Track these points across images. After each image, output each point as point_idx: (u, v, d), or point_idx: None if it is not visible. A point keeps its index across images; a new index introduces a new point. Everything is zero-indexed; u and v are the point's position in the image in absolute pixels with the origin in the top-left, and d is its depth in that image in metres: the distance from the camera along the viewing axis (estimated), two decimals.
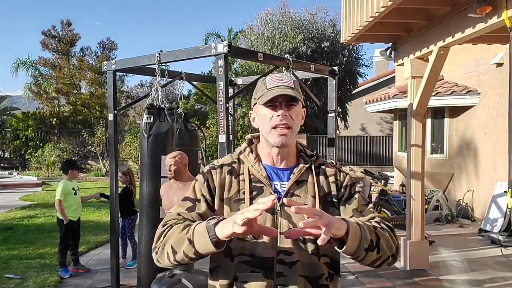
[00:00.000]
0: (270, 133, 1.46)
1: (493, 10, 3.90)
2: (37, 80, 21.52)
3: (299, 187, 1.49)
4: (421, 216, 5.68)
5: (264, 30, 16.13)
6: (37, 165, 17.83)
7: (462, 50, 8.37)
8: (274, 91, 1.44)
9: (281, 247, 1.42)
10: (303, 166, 1.52)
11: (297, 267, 1.41)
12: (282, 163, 1.52)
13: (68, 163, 6.11)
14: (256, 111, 1.53)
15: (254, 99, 1.54)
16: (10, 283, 5.06)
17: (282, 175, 1.51)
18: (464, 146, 9.18)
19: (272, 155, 1.51)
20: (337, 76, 5.35)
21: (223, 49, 3.63)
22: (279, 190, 1.48)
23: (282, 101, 1.45)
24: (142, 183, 4.13)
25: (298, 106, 1.50)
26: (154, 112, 4.05)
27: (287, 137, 1.45)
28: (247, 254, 1.42)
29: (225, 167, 1.53)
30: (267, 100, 1.44)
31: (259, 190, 1.46)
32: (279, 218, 1.44)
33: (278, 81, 1.47)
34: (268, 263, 1.41)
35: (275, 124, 1.44)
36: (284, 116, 1.44)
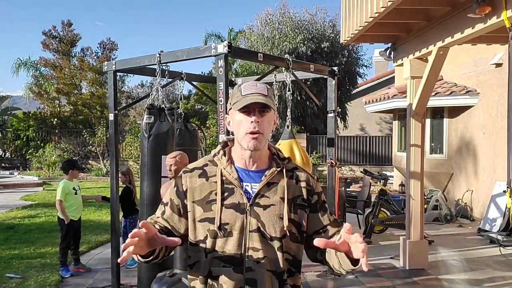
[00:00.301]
0: (243, 137, 1.54)
1: (493, 11, 3.91)
2: (37, 80, 21.54)
3: (269, 189, 1.57)
4: (420, 215, 5.69)
5: (264, 30, 16.14)
6: (38, 165, 17.86)
7: (462, 51, 8.39)
8: (248, 98, 1.52)
9: (249, 244, 1.53)
10: (275, 169, 1.60)
11: (264, 262, 1.53)
12: (254, 166, 1.60)
13: (68, 163, 6.10)
14: (231, 115, 1.61)
15: (229, 104, 1.62)
16: (11, 282, 5.08)
17: (254, 177, 1.59)
18: (463, 146, 9.20)
19: (244, 157, 1.59)
20: (336, 76, 5.37)
21: (223, 50, 3.66)
22: (250, 191, 1.57)
23: (256, 107, 1.53)
24: (142, 183, 4.15)
25: (271, 112, 1.57)
26: (154, 112, 4.07)
27: (259, 141, 1.54)
28: (219, 251, 1.54)
29: (197, 171, 1.63)
30: (241, 106, 1.52)
31: (230, 191, 1.56)
32: (249, 217, 1.54)
33: (252, 89, 1.55)
34: (237, 259, 1.53)
35: (248, 129, 1.53)
36: (257, 123, 1.52)
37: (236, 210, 1.53)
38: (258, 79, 5.45)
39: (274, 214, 1.55)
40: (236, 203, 1.55)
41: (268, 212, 1.55)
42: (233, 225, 1.53)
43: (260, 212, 1.54)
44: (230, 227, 1.53)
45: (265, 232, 1.54)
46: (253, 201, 1.55)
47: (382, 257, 6.12)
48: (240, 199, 1.55)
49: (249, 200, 1.55)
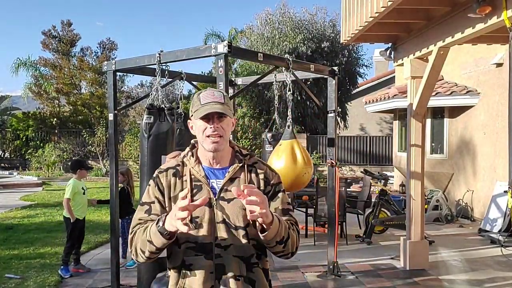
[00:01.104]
0: (204, 141, 1.73)
1: (493, 10, 3.90)
2: (37, 80, 21.52)
3: (232, 183, 1.75)
4: (420, 216, 5.68)
5: (264, 30, 16.14)
6: (37, 165, 17.85)
7: (462, 50, 8.39)
8: (207, 107, 1.70)
9: (218, 234, 1.72)
10: (236, 165, 1.79)
11: (231, 249, 1.72)
12: (217, 164, 1.79)
13: (77, 163, 6.16)
14: (193, 121, 1.78)
15: (190, 111, 1.79)
16: (11, 282, 5.07)
17: (218, 174, 1.78)
18: (463, 146, 9.19)
19: (208, 158, 1.78)
20: (337, 76, 5.36)
21: (223, 49, 3.64)
22: (215, 187, 1.76)
23: (214, 114, 1.71)
24: (142, 183, 4.13)
25: (227, 117, 1.74)
26: (154, 112, 4.05)
27: (219, 144, 1.72)
28: (192, 241, 1.71)
29: (170, 170, 1.81)
30: (201, 116, 1.70)
31: (199, 188, 1.74)
32: (215, 210, 1.73)
33: (210, 98, 1.73)
34: (207, 247, 1.71)
35: (208, 134, 1.71)
36: (216, 128, 1.71)
37: (205, 205, 1.67)
38: (258, 79, 5.44)
39: (237, 206, 1.71)
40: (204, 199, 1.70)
41: (232, 205, 1.72)
42: (202, 218, 1.70)
43: (224, 205, 1.72)
44: (200, 219, 1.70)
45: (230, 222, 1.72)
46: (219, 196, 1.73)
47: (382, 258, 6.11)
48: (208, 194, 1.72)
49: (215, 195, 1.73)
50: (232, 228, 1.72)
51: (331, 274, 5.25)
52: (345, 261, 5.81)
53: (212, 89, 1.85)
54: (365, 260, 6.00)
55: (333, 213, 5.32)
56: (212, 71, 21.85)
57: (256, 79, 5.65)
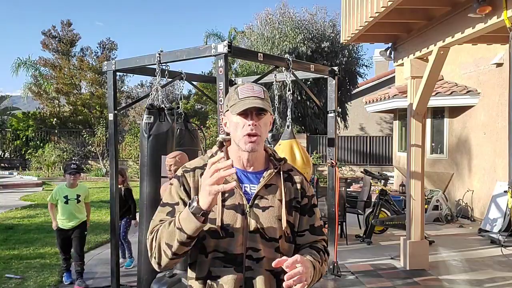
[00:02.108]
0: (241, 139, 1.57)
1: (493, 10, 3.90)
2: (37, 80, 21.53)
3: (267, 191, 1.61)
4: (421, 216, 5.68)
5: (264, 30, 16.14)
6: (37, 165, 17.84)
7: (462, 50, 8.39)
8: (246, 102, 1.55)
9: (250, 244, 1.56)
10: (272, 171, 1.63)
11: (264, 262, 1.57)
12: (251, 167, 1.63)
13: (65, 166, 5.85)
14: (228, 117, 1.62)
15: (226, 106, 1.63)
16: (11, 283, 5.07)
17: (252, 178, 1.62)
18: (463, 146, 9.19)
19: (242, 159, 1.62)
20: (337, 76, 5.36)
21: (223, 49, 3.64)
22: (249, 192, 1.60)
23: (253, 110, 1.55)
24: (142, 183, 4.13)
25: (267, 115, 1.60)
26: (154, 112, 4.05)
27: (257, 143, 1.56)
28: (220, 251, 1.56)
29: (198, 170, 1.62)
30: (240, 111, 1.54)
31: (230, 192, 1.57)
32: (248, 218, 1.57)
33: (249, 92, 1.57)
34: (238, 259, 1.56)
35: (246, 132, 1.55)
36: (254, 126, 1.55)
37: (236, 211, 1.56)
38: (258, 79, 5.44)
39: (272, 215, 1.58)
40: (236, 204, 1.57)
41: (267, 214, 1.58)
42: (233, 226, 1.55)
43: (259, 214, 1.57)
44: (231, 227, 1.55)
45: (264, 233, 1.57)
46: (252, 203, 1.58)
47: (382, 258, 6.10)
48: (240, 200, 1.57)
49: (248, 201, 1.58)
50: (266, 239, 1.58)
51: (331, 274, 5.24)
52: (345, 261, 5.81)
53: (251, 83, 1.70)
54: (365, 260, 6.00)
55: (333, 213, 5.32)
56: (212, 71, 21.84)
57: (256, 79, 5.64)
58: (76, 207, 5.13)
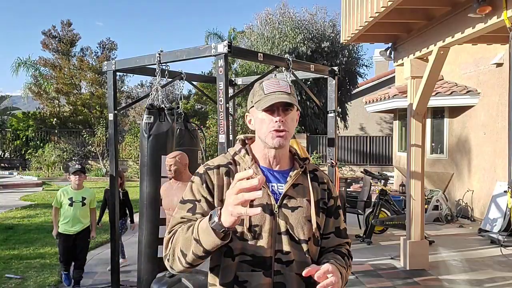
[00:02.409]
0: (268, 135, 1.50)
1: (493, 10, 3.90)
2: (37, 80, 21.53)
3: (295, 191, 1.55)
4: (421, 216, 5.68)
5: (264, 30, 16.15)
6: (37, 165, 17.83)
7: (462, 50, 8.38)
8: (272, 97, 1.48)
9: (279, 247, 1.49)
10: (298, 170, 1.58)
11: (293, 266, 1.49)
12: (277, 165, 1.57)
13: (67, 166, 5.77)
14: (253, 113, 1.56)
15: (251, 102, 1.56)
16: (11, 283, 5.07)
17: (279, 177, 1.56)
18: (463, 146, 9.19)
19: (268, 157, 1.56)
20: (337, 76, 5.36)
21: (223, 49, 3.64)
22: (276, 192, 1.53)
23: (279, 106, 1.49)
24: (142, 183, 4.13)
25: (294, 110, 1.54)
26: (154, 112, 4.06)
27: (285, 138, 1.50)
28: (248, 254, 1.47)
29: (222, 168, 1.55)
30: (266, 106, 1.47)
31: None
32: (277, 219, 1.50)
33: (275, 87, 1.51)
34: (267, 262, 1.47)
35: (273, 128, 1.49)
36: (281, 122, 1.49)
37: (265, 211, 1.48)
38: (258, 79, 5.43)
39: (302, 216, 1.52)
40: (264, 204, 1.49)
41: (296, 214, 1.52)
42: (262, 227, 1.48)
43: (288, 214, 1.51)
44: (260, 229, 1.48)
45: (294, 234, 1.50)
46: (281, 202, 1.51)
47: (382, 258, 6.10)
48: (268, 200, 1.50)
49: (276, 201, 1.51)
50: (295, 241, 1.51)
51: None
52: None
53: (277, 78, 1.64)
54: (365, 260, 6.00)
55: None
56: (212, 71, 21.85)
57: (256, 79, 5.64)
58: (81, 211, 4.84)
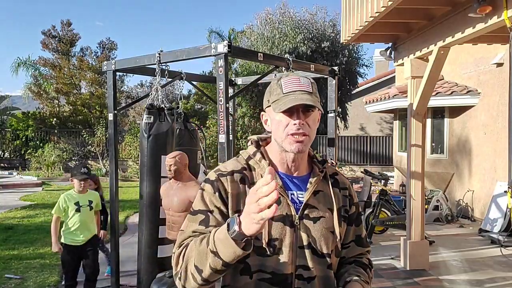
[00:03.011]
0: (285, 139, 1.35)
1: (493, 10, 3.90)
2: (37, 80, 21.52)
3: (316, 199, 1.41)
4: (421, 216, 5.68)
5: (264, 30, 16.13)
6: (37, 165, 17.83)
7: (462, 50, 8.38)
8: (291, 97, 1.32)
9: (299, 262, 1.36)
10: (320, 176, 1.44)
11: (316, 282, 1.37)
12: (296, 171, 1.43)
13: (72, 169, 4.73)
14: (269, 114, 1.41)
15: (267, 101, 1.41)
16: (10, 283, 5.06)
17: (299, 184, 1.42)
18: (464, 146, 9.18)
19: (287, 162, 1.41)
20: (337, 76, 5.35)
21: (223, 49, 3.63)
22: (296, 200, 1.39)
23: (299, 107, 1.34)
24: (142, 183, 4.13)
25: (315, 111, 1.38)
26: (154, 112, 4.05)
27: (304, 144, 1.35)
28: (267, 272, 1.34)
29: (237, 174, 1.39)
30: (285, 108, 1.32)
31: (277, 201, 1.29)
32: (298, 231, 1.36)
33: (295, 85, 1.35)
34: (288, 279, 1.35)
35: (291, 132, 1.34)
36: (302, 125, 1.33)
37: (285, 224, 1.34)
38: (258, 79, 5.43)
39: (324, 227, 1.39)
40: (283, 215, 1.35)
41: (319, 226, 1.38)
42: (282, 241, 1.34)
43: (310, 226, 1.37)
44: (280, 243, 1.34)
45: (316, 248, 1.37)
46: (302, 213, 1.37)
47: (382, 258, 6.10)
48: (288, 210, 1.36)
49: (297, 212, 1.37)
50: (318, 255, 1.38)
51: None
52: None
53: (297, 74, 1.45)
54: None
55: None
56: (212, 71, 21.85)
57: (256, 79, 5.64)
58: (89, 216, 4.34)
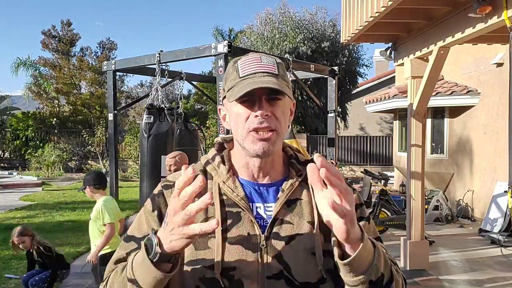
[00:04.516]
0: (246, 138, 1.04)
1: (493, 10, 3.89)
2: (37, 80, 21.54)
3: (290, 210, 1.06)
4: (421, 216, 5.67)
5: (264, 30, 16.14)
6: (37, 165, 17.84)
7: (462, 50, 8.38)
8: (250, 81, 1.01)
9: None
10: (295, 180, 1.10)
11: None
12: (265, 178, 1.10)
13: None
14: (227, 106, 1.09)
15: (223, 90, 1.10)
16: (10, 283, 5.07)
17: (266, 194, 1.09)
18: (464, 146, 9.18)
19: (251, 166, 1.09)
20: (337, 76, 5.36)
21: (223, 49, 3.64)
22: (263, 216, 1.06)
23: (262, 95, 1.02)
24: (142, 183, 4.13)
25: (285, 99, 1.06)
26: (154, 112, 4.06)
27: (271, 143, 1.03)
28: None
29: None
30: (240, 95, 1.00)
31: (235, 218, 1.04)
32: (265, 256, 1.02)
33: (255, 66, 1.04)
34: None
35: (253, 127, 1.02)
36: (266, 117, 1.02)
37: (246, 247, 1.02)
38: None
39: (302, 248, 1.03)
40: (244, 236, 1.03)
41: (293, 246, 1.03)
42: (242, 270, 1.01)
43: (281, 247, 1.03)
44: (239, 273, 1.01)
45: (292, 278, 1.01)
46: (270, 231, 1.04)
47: None
48: (251, 229, 1.04)
49: (263, 230, 1.04)
50: (295, 286, 1.01)
51: None
52: None
53: (259, 53, 1.15)
54: None
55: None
56: (212, 71, 21.86)
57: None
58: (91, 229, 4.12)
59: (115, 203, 4.13)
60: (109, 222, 3.84)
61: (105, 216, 3.85)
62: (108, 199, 4.00)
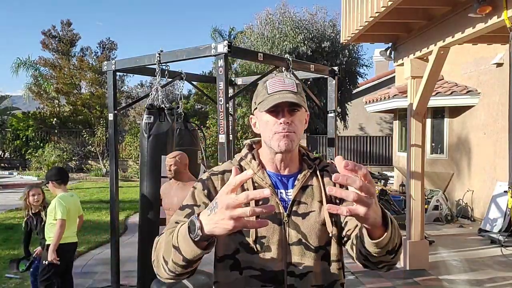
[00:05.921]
0: (272, 138, 1.40)
1: (493, 10, 3.90)
2: (37, 80, 21.54)
3: (304, 194, 1.43)
4: (421, 216, 5.68)
5: (264, 30, 16.13)
6: (37, 165, 17.84)
7: (462, 50, 8.38)
8: (276, 97, 1.38)
9: (291, 259, 1.39)
10: (307, 171, 1.46)
11: (309, 278, 1.39)
12: (286, 170, 1.46)
13: None
14: (257, 116, 1.46)
15: (254, 103, 1.47)
16: (10, 283, 5.07)
17: (287, 183, 1.45)
18: (464, 146, 9.19)
19: (275, 161, 1.45)
20: (337, 76, 5.36)
21: (223, 49, 3.64)
22: (285, 199, 1.42)
23: (285, 107, 1.39)
24: (142, 183, 4.13)
25: (301, 111, 1.43)
26: (154, 112, 4.06)
27: (291, 140, 1.39)
28: (256, 269, 1.37)
29: (228, 174, 1.44)
30: (269, 107, 1.37)
31: (264, 200, 1.35)
32: (287, 229, 1.39)
33: (279, 86, 1.40)
34: (278, 276, 1.37)
35: (277, 130, 1.38)
36: (287, 124, 1.38)
37: (273, 222, 1.37)
38: (258, 79, 5.43)
39: (314, 221, 1.40)
40: (272, 214, 1.36)
41: (308, 221, 1.40)
42: (270, 239, 1.37)
43: (299, 222, 1.39)
44: (267, 240, 1.37)
45: (308, 243, 1.39)
46: (290, 210, 1.40)
47: None
48: (276, 209, 1.38)
49: (285, 209, 1.40)
50: (310, 250, 1.39)
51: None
52: (345, 261, 5.81)
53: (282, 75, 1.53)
54: None
55: None
56: (212, 71, 21.86)
57: (256, 79, 5.64)
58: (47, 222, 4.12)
59: (75, 199, 4.27)
60: (60, 218, 3.93)
61: (57, 212, 3.95)
62: (64, 195, 4.09)
